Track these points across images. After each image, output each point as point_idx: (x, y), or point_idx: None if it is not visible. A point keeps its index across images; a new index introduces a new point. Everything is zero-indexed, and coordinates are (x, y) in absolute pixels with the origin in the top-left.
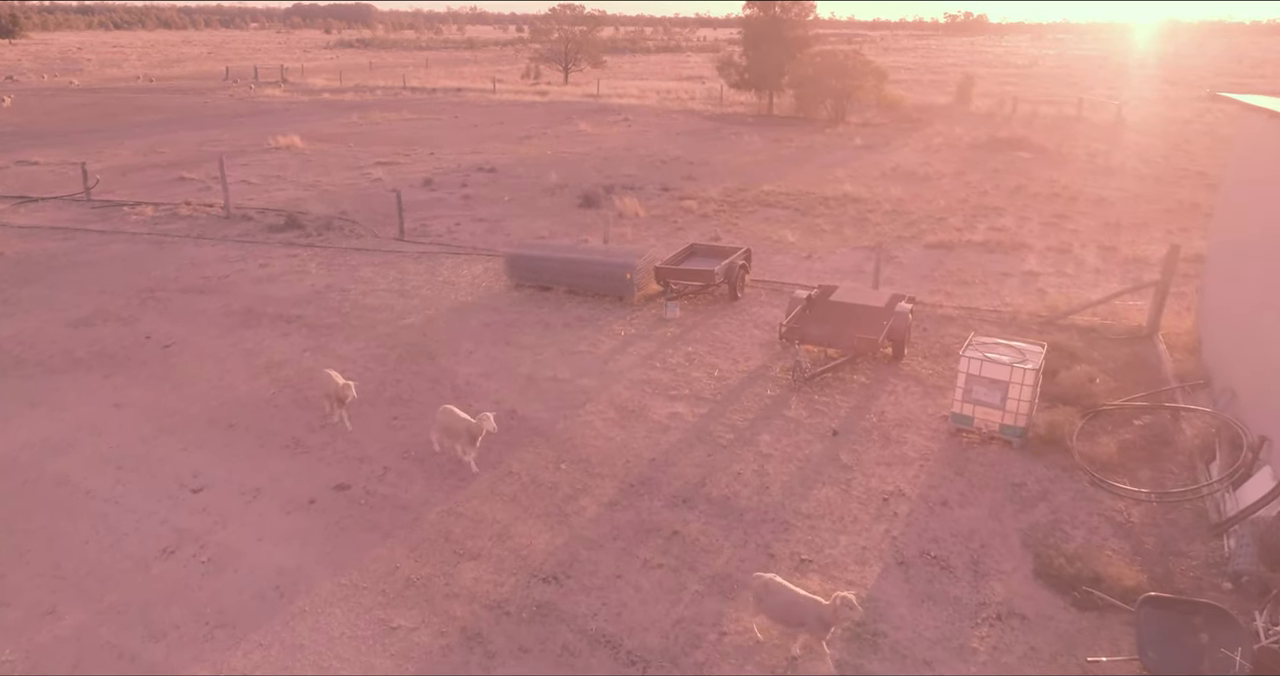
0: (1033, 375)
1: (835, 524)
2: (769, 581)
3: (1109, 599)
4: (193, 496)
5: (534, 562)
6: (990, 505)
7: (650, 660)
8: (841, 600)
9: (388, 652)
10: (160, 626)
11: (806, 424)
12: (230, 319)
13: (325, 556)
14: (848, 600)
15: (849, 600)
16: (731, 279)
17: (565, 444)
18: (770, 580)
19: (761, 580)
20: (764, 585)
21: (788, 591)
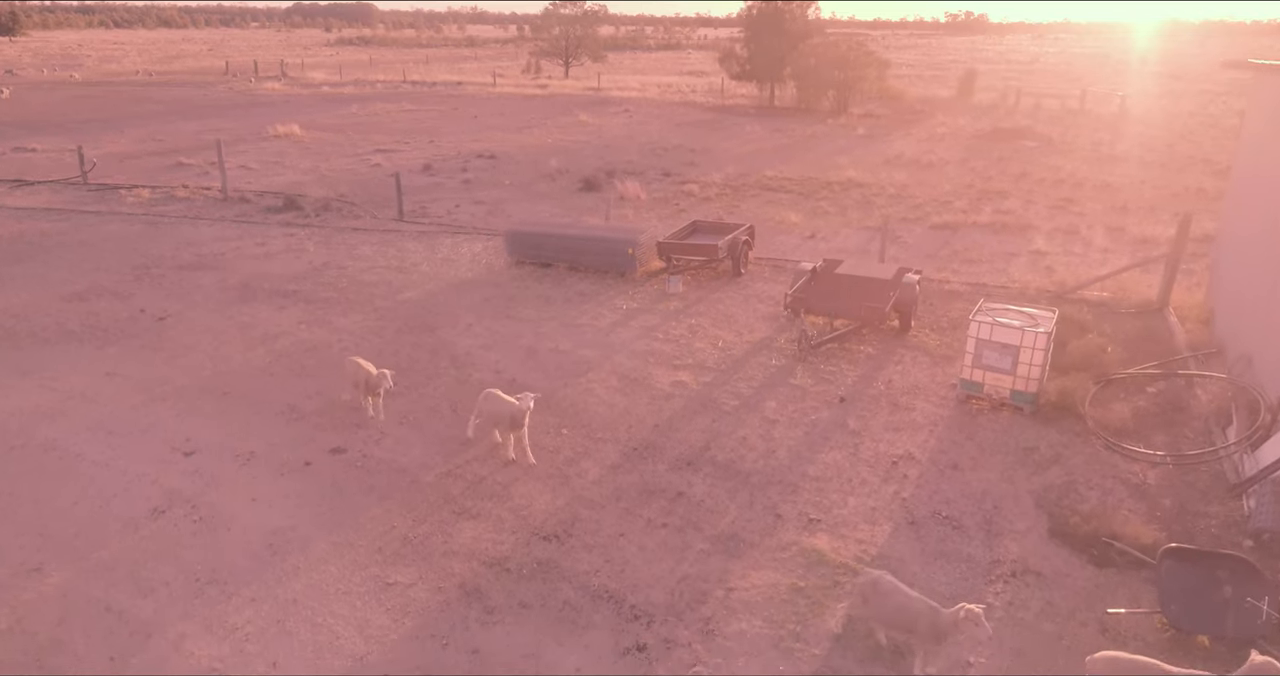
0: (1044, 338)
1: (844, 486)
2: (878, 579)
3: (1130, 550)
4: (184, 459)
5: (534, 522)
6: (1002, 468)
7: (655, 615)
8: (966, 612)
9: (384, 607)
10: (149, 583)
11: (813, 391)
12: (226, 294)
13: (320, 516)
14: (973, 613)
15: (975, 613)
16: (735, 254)
17: (567, 410)
18: (880, 578)
19: (869, 577)
20: (872, 583)
21: (899, 593)
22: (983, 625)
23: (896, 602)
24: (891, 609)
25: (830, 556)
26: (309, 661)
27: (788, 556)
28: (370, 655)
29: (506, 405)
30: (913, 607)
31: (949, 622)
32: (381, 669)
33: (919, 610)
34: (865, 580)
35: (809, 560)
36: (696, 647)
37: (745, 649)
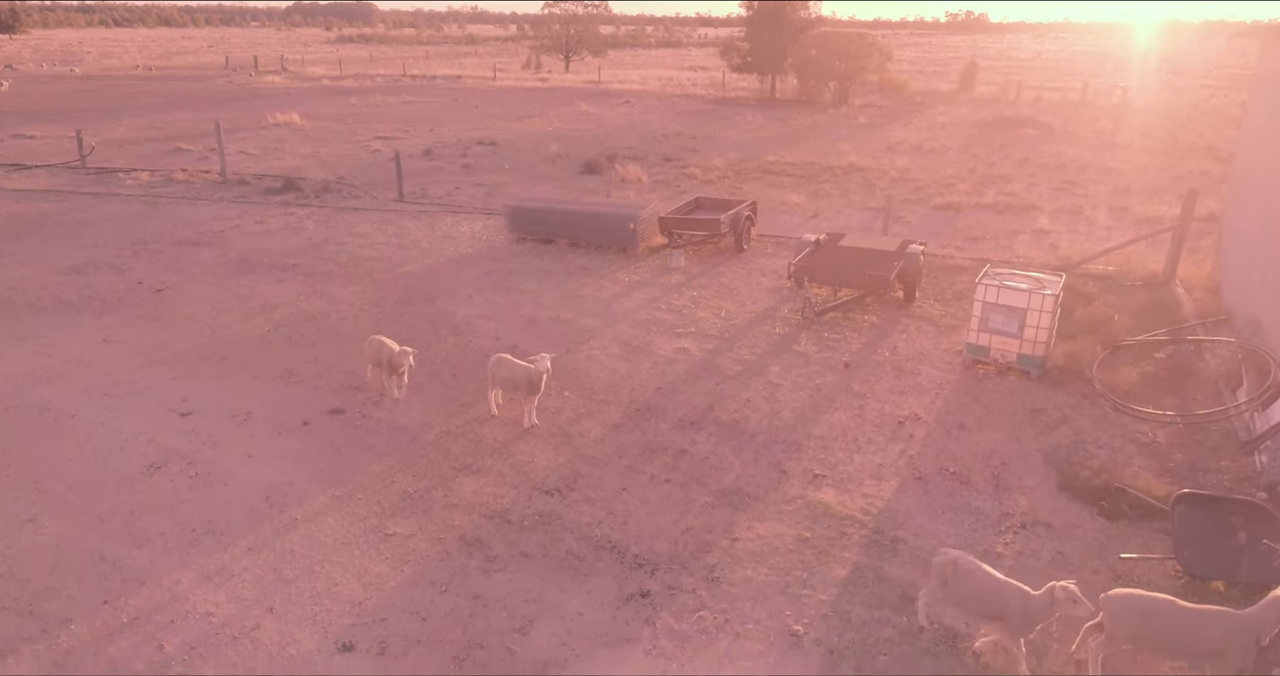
0: (1051, 301)
1: (849, 444)
2: (957, 559)
3: (1142, 496)
4: (181, 419)
5: (536, 477)
6: (1009, 428)
7: (658, 564)
8: (1061, 589)
9: (383, 557)
10: (144, 534)
11: (817, 358)
12: (224, 268)
13: (318, 472)
14: (1070, 591)
15: (1072, 591)
16: (738, 230)
17: (569, 375)
18: (959, 558)
19: (948, 557)
20: (951, 564)
21: (981, 574)
22: (1081, 603)
23: (980, 585)
24: (974, 593)
25: (836, 509)
26: (307, 606)
27: (793, 509)
28: (369, 600)
29: (521, 369)
30: (1000, 591)
31: (1042, 605)
32: (381, 614)
33: (1007, 594)
34: (943, 560)
35: (815, 512)
36: (701, 594)
37: (751, 595)
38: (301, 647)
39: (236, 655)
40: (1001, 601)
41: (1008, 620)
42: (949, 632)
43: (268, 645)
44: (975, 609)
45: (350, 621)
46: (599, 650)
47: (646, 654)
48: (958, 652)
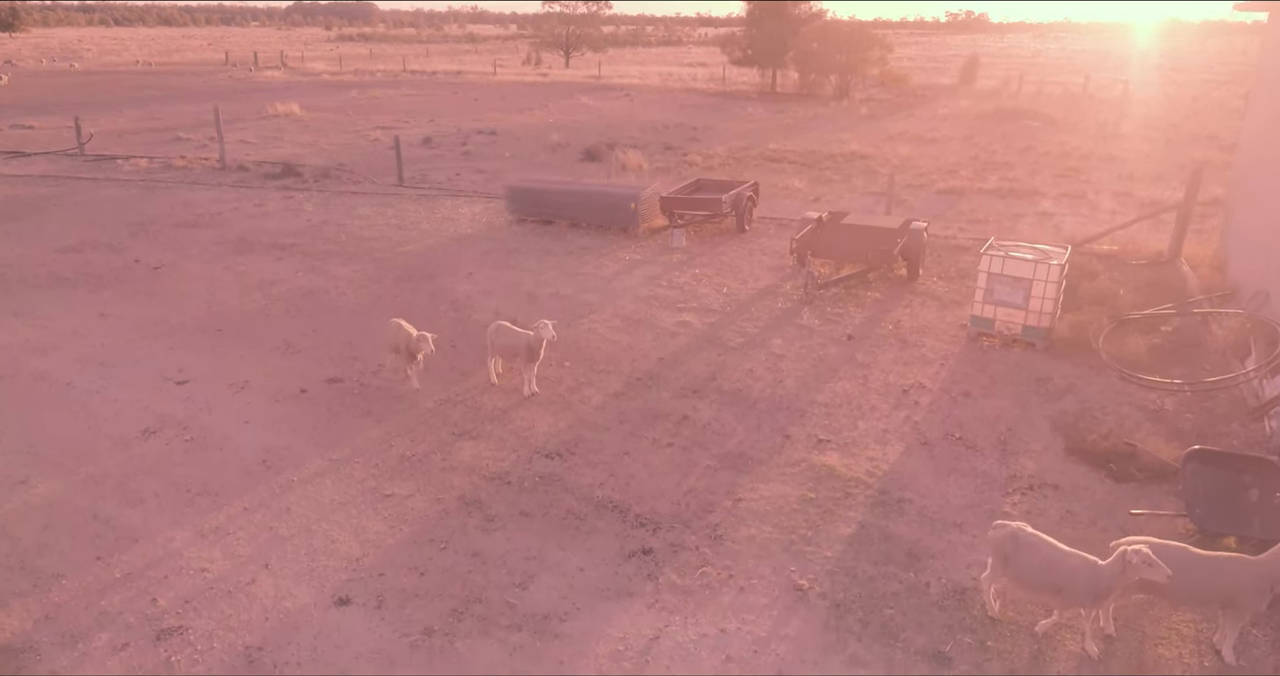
0: (1057, 271)
1: (853, 411)
2: (1017, 531)
3: (1153, 453)
4: (177, 388)
5: (536, 442)
6: (1015, 396)
7: (661, 523)
8: (1134, 553)
9: (380, 516)
10: (138, 495)
11: (820, 331)
12: (222, 248)
13: (316, 437)
14: (1143, 553)
15: (1145, 554)
16: (739, 210)
17: (569, 347)
18: (1018, 530)
19: (1006, 530)
20: (1010, 537)
21: (1044, 546)
22: (1157, 566)
23: (1044, 559)
24: (1037, 567)
25: (841, 471)
26: (303, 563)
27: (797, 471)
28: (366, 557)
29: (520, 336)
30: (1065, 563)
31: (1112, 574)
32: (378, 569)
33: (1074, 566)
34: (1000, 534)
35: (819, 474)
36: (704, 551)
37: (755, 552)
38: (297, 601)
39: (231, 608)
40: (1067, 573)
41: (1075, 593)
42: (957, 587)
43: (263, 599)
44: (1039, 583)
45: (347, 576)
46: (600, 603)
47: (649, 607)
48: (966, 605)
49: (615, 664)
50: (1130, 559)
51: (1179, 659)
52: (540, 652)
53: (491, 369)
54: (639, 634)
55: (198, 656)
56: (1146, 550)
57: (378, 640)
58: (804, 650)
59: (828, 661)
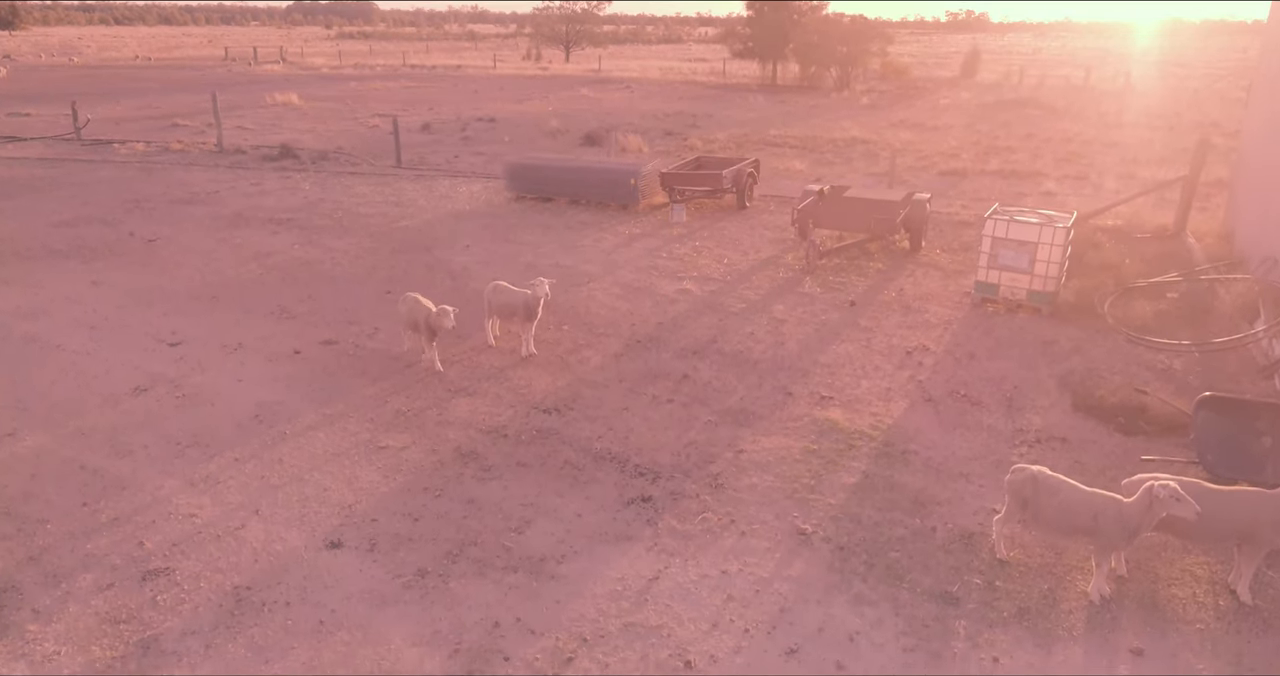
0: (1063, 234)
1: (857, 371)
2: (1037, 475)
3: (1164, 398)
4: (169, 349)
5: (534, 398)
6: (1021, 358)
7: (660, 473)
8: (1161, 487)
9: (375, 466)
10: (127, 447)
11: (822, 298)
12: (218, 222)
13: (310, 393)
14: (1171, 488)
15: (1173, 488)
16: (740, 186)
17: (567, 312)
18: (1039, 473)
19: (1025, 473)
20: (1029, 480)
21: (1066, 487)
22: (1186, 501)
23: (1066, 500)
24: (1060, 508)
25: (844, 425)
26: (294, 509)
27: (799, 426)
28: (359, 504)
29: (518, 295)
30: (1089, 503)
31: (1139, 510)
32: (371, 515)
33: (1098, 505)
34: (1019, 477)
35: (821, 428)
36: (705, 498)
37: (757, 499)
38: (288, 544)
39: (219, 551)
40: (1091, 514)
41: (1101, 534)
42: (964, 532)
43: (253, 543)
44: (1062, 526)
45: (339, 522)
46: (598, 546)
47: (648, 550)
48: (974, 549)
49: (613, 603)
50: (1158, 493)
51: (1193, 598)
52: (536, 592)
53: (489, 330)
54: (638, 575)
55: (184, 596)
56: (1174, 485)
57: (369, 581)
58: (807, 590)
59: (831, 600)
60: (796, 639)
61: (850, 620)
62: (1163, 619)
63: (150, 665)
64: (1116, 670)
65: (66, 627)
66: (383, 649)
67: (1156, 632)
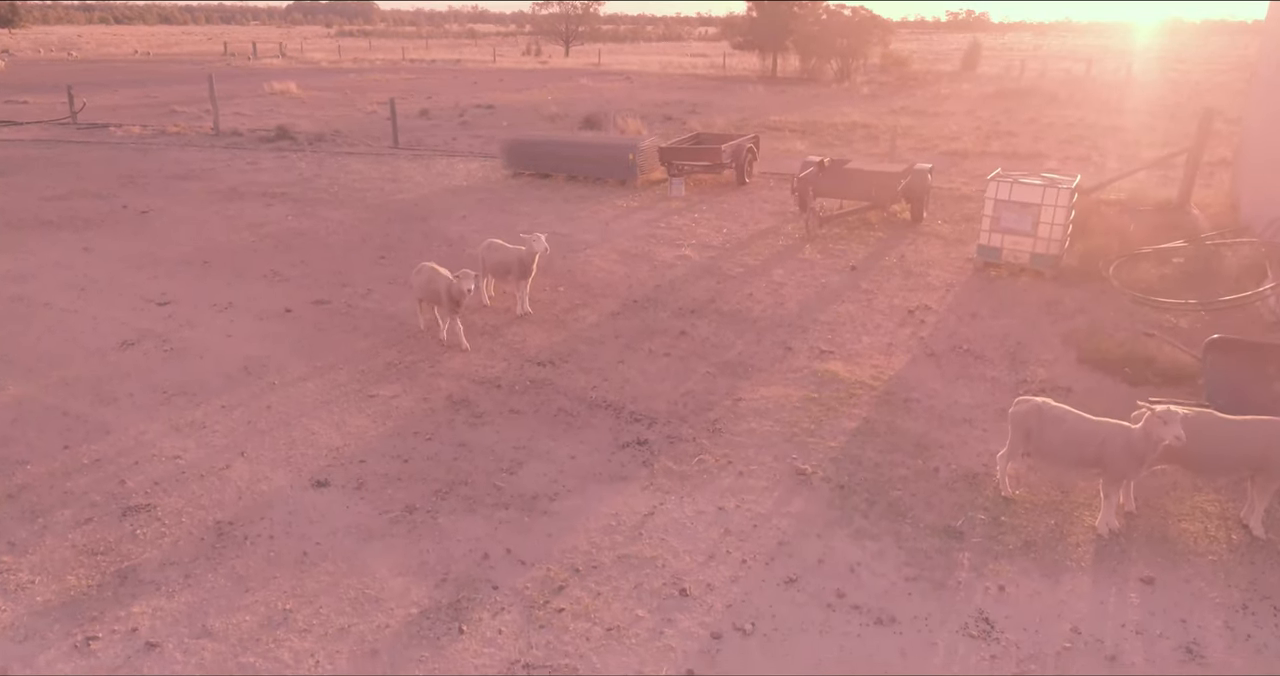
0: (1067, 195)
1: (857, 328)
2: (1041, 405)
3: (1173, 342)
4: (158, 308)
5: (528, 352)
6: (1025, 316)
7: (657, 419)
8: (1164, 410)
9: (365, 413)
10: (112, 395)
11: (822, 263)
12: (212, 196)
13: (300, 347)
14: (1169, 412)
15: (1170, 412)
16: (740, 162)
17: (563, 275)
18: (1043, 404)
19: (1030, 404)
20: (1034, 411)
21: (1072, 417)
22: (1172, 424)
23: (1072, 429)
24: (1066, 439)
25: (845, 376)
26: (281, 451)
27: (799, 376)
28: (347, 447)
29: (512, 252)
30: (1095, 431)
31: (1145, 437)
32: (359, 457)
33: (1105, 433)
34: (1023, 409)
35: (822, 379)
36: (702, 441)
37: (755, 442)
38: (273, 483)
39: (203, 489)
40: (1097, 443)
41: (1108, 463)
42: (968, 472)
43: (237, 482)
44: (1069, 457)
45: (326, 463)
46: (591, 485)
47: (643, 489)
48: (978, 487)
49: (607, 537)
50: (1159, 419)
51: (1204, 533)
52: (527, 527)
53: (483, 290)
54: (632, 511)
55: (164, 530)
56: (1173, 408)
57: (355, 516)
58: (806, 524)
59: (831, 534)
60: (795, 569)
61: (851, 552)
62: (1173, 551)
63: (127, 593)
64: (1127, 598)
65: (42, 558)
66: (367, 578)
67: (1168, 563)
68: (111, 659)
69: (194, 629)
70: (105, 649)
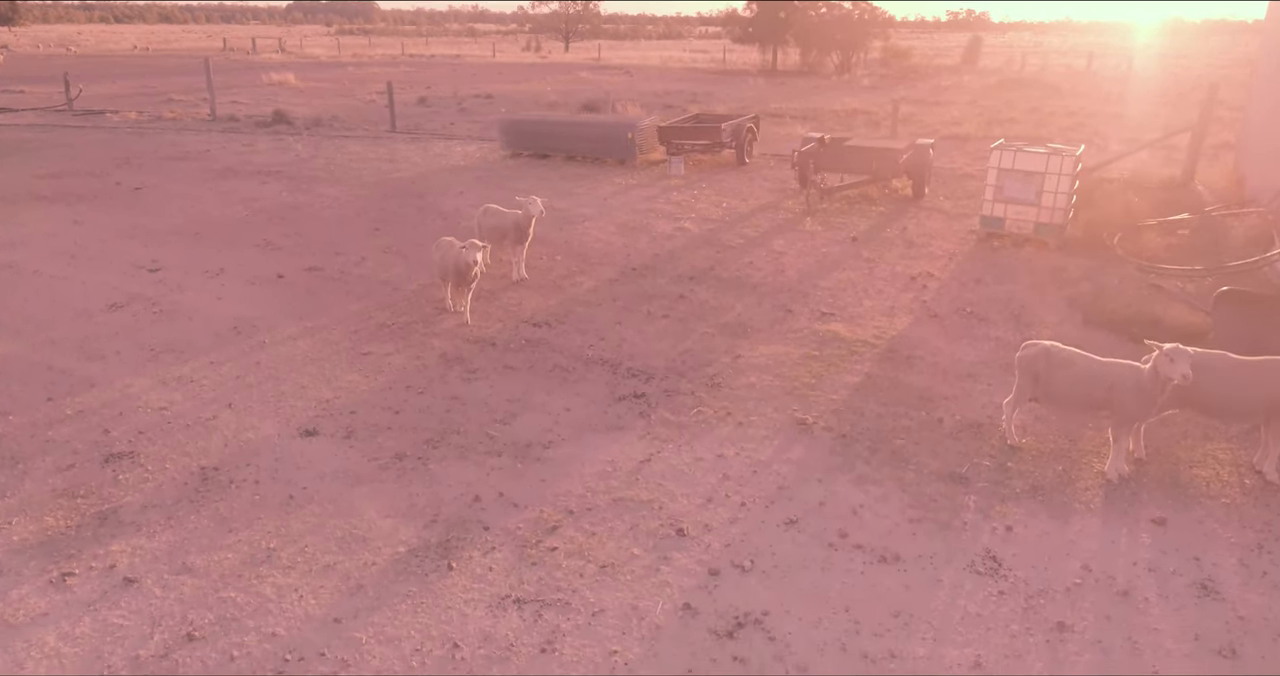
0: (1071, 163)
1: (859, 293)
2: (1049, 347)
3: (1182, 295)
4: (149, 274)
5: (524, 314)
6: (1029, 282)
7: (654, 374)
8: (1171, 348)
9: (357, 368)
10: (98, 352)
11: (823, 235)
12: (208, 174)
13: (292, 309)
14: (1178, 350)
15: (1180, 350)
16: (740, 141)
17: (561, 245)
18: (1051, 346)
19: (1037, 348)
20: (1042, 354)
21: (1081, 359)
22: (1178, 361)
23: (1081, 371)
24: (1076, 380)
25: (846, 335)
26: (269, 403)
27: (800, 336)
28: (337, 399)
29: (508, 216)
30: (1106, 373)
31: (1154, 377)
32: (350, 408)
33: (1115, 374)
34: (1031, 352)
35: (823, 338)
36: (700, 395)
37: (755, 396)
38: (260, 432)
39: (188, 437)
40: (1108, 383)
41: (1119, 404)
42: (973, 422)
43: (223, 431)
44: (1079, 398)
45: (315, 414)
46: (587, 434)
47: (640, 438)
48: (983, 437)
49: (602, 482)
50: (1169, 357)
51: (1216, 478)
52: (521, 473)
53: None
54: (629, 458)
55: (147, 475)
56: (1180, 346)
57: (343, 463)
58: (807, 470)
59: (833, 479)
60: (796, 512)
61: (853, 495)
62: (1185, 494)
63: (107, 533)
64: (1139, 538)
65: (20, 502)
66: (354, 519)
67: (1179, 505)
68: (88, 593)
69: (174, 566)
70: (81, 584)
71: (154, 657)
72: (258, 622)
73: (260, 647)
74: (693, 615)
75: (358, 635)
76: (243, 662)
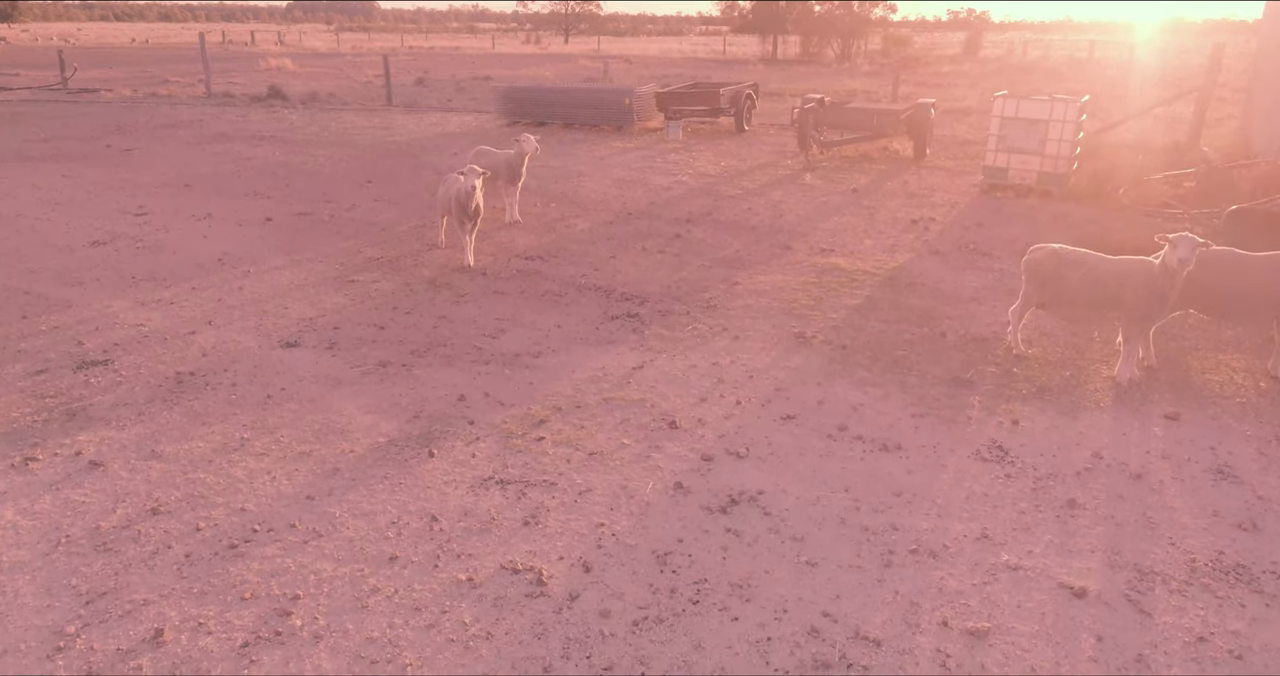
0: (1076, 110)
1: (859, 234)
2: (1058, 249)
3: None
4: (134, 217)
5: (517, 249)
6: (1033, 226)
7: (648, 299)
8: (1177, 236)
9: (343, 294)
10: (78, 280)
11: (823, 187)
12: (200, 139)
13: (279, 246)
14: (1185, 238)
15: (1188, 237)
16: (738, 108)
17: (558, 196)
18: (1059, 248)
19: (1045, 250)
20: (1050, 256)
21: (1091, 258)
22: (1182, 248)
23: (1091, 271)
24: (1087, 280)
25: (845, 267)
26: (251, 320)
27: (799, 268)
28: (322, 318)
29: (500, 155)
30: (1118, 269)
31: (1166, 269)
32: (333, 324)
33: (1125, 270)
34: (1038, 255)
35: (822, 269)
36: (695, 314)
37: (753, 315)
38: (240, 345)
39: (165, 350)
40: (1119, 281)
41: (1130, 302)
42: (977, 336)
43: (201, 344)
44: (1090, 298)
45: (298, 329)
46: (577, 347)
47: (632, 350)
48: (988, 348)
49: (593, 385)
50: (1178, 248)
51: (1230, 381)
52: (509, 377)
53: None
54: (620, 365)
55: (120, 379)
56: (1190, 234)
57: (325, 369)
58: (805, 375)
59: (832, 383)
60: (793, 409)
61: (853, 395)
62: (1199, 395)
63: (75, 427)
64: (1151, 431)
65: None
66: (334, 415)
67: (1193, 404)
68: (51, 475)
69: (142, 453)
70: (44, 468)
71: (115, 528)
72: (226, 499)
73: (228, 520)
74: (685, 493)
75: (331, 510)
76: (208, 533)
